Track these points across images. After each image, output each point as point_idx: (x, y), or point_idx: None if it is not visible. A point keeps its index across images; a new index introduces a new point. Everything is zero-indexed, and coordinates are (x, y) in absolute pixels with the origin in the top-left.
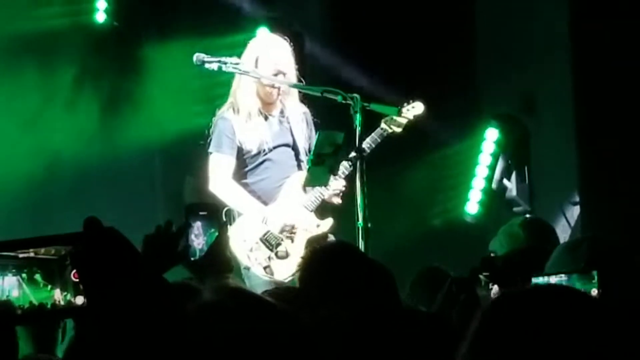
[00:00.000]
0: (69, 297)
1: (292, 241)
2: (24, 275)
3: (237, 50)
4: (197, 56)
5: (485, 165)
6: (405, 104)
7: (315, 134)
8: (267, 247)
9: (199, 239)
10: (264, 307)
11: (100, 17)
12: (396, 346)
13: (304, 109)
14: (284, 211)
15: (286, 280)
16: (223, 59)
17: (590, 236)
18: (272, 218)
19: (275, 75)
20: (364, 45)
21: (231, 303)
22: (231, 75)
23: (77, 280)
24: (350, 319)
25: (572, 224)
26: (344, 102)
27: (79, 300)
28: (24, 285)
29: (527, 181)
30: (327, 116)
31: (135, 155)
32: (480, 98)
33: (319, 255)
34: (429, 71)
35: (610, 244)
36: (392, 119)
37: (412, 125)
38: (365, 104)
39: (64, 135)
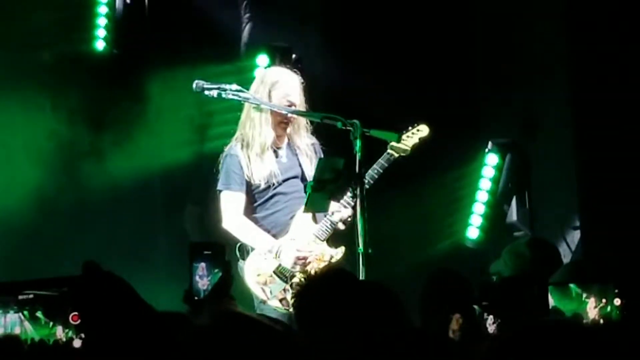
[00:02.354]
0: (70, 334)
1: (307, 272)
2: (25, 312)
3: (237, 77)
4: (197, 83)
5: (485, 190)
6: (410, 127)
7: None
8: (282, 280)
9: (203, 280)
10: (259, 329)
11: (100, 45)
12: None
13: (312, 140)
14: (296, 243)
15: None
16: (223, 85)
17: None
18: (285, 251)
19: (288, 106)
20: (364, 71)
21: (227, 325)
22: (231, 103)
23: (76, 323)
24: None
25: (573, 248)
26: (343, 128)
27: (77, 343)
28: (26, 323)
29: (527, 205)
30: (334, 142)
31: (135, 183)
32: (480, 123)
33: (313, 283)
34: (429, 96)
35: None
36: (397, 143)
37: (417, 149)
38: (365, 130)
39: (63, 165)
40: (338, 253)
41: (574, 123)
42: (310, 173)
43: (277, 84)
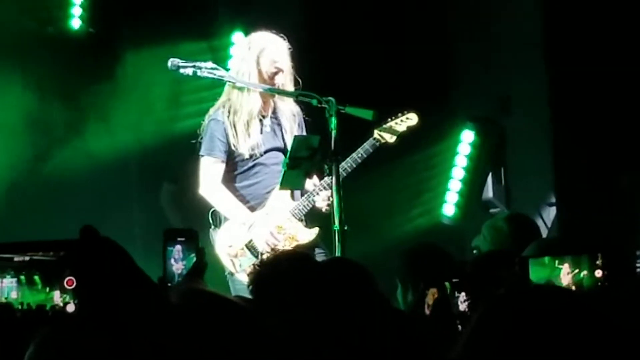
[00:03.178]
0: (67, 299)
1: (278, 249)
2: (22, 277)
3: (213, 55)
4: (172, 61)
5: (461, 167)
6: (399, 114)
7: (305, 133)
8: (253, 254)
9: (178, 263)
10: (228, 307)
11: (76, 23)
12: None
13: (296, 108)
14: (270, 218)
15: None
16: (198, 63)
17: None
18: (258, 225)
19: (275, 72)
20: (341, 50)
21: (195, 305)
22: (207, 81)
23: (71, 287)
24: (317, 319)
25: (549, 224)
26: (319, 105)
27: (70, 307)
28: (23, 287)
29: (503, 182)
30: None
31: (111, 161)
32: (455, 100)
33: (267, 268)
34: (404, 74)
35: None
36: (385, 128)
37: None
38: (341, 107)
39: (38, 142)
40: (311, 234)
41: (550, 99)
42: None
43: (265, 50)
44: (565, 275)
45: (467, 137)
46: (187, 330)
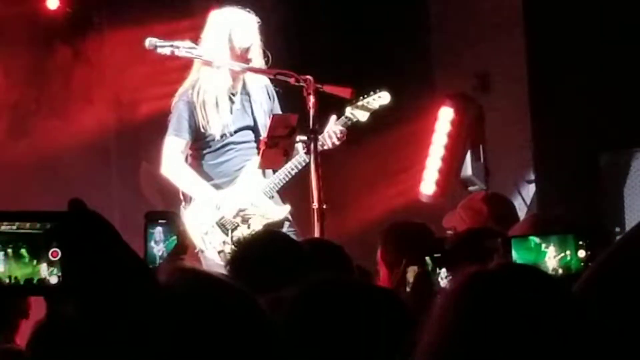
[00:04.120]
0: (55, 272)
1: (249, 227)
2: (9, 250)
3: (190, 34)
4: (150, 41)
5: (439, 145)
6: (372, 93)
7: (278, 104)
8: (223, 232)
9: (159, 245)
10: (220, 286)
11: (53, 3)
12: (346, 321)
13: (265, 81)
14: (239, 196)
15: None
16: (175, 43)
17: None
18: (227, 203)
19: (247, 48)
20: (318, 27)
21: (184, 281)
22: (186, 60)
23: (56, 259)
24: (297, 296)
25: (528, 202)
26: (297, 84)
27: (54, 279)
28: (10, 260)
29: (482, 160)
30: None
31: (89, 141)
32: (433, 77)
33: (244, 248)
34: (381, 51)
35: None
36: (357, 106)
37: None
38: (319, 86)
39: (15, 123)
40: (282, 211)
41: (528, 75)
42: (262, 122)
43: (236, 26)
44: (551, 259)
45: (445, 115)
46: (178, 307)
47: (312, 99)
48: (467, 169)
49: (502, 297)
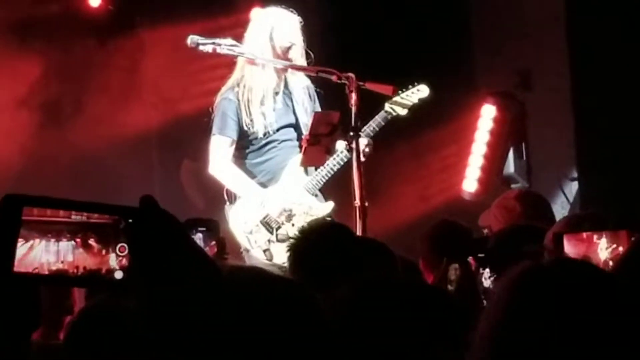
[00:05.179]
0: (124, 262)
1: (293, 224)
2: (78, 239)
3: (232, 31)
4: (192, 38)
5: (482, 142)
6: (410, 86)
7: (318, 105)
8: (268, 230)
9: None
10: (279, 281)
11: (95, 1)
12: (396, 319)
13: (307, 82)
14: (285, 194)
15: (285, 264)
16: (217, 40)
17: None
18: (271, 201)
19: (289, 47)
20: (360, 26)
21: (249, 280)
22: (226, 58)
23: (123, 253)
24: (349, 293)
25: (571, 200)
26: (339, 81)
27: (119, 275)
28: (79, 250)
29: (524, 157)
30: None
31: (132, 139)
32: (476, 75)
33: (309, 237)
34: (424, 49)
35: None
36: (396, 101)
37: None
38: (361, 84)
39: (58, 118)
40: (326, 208)
41: (571, 73)
42: (303, 120)
43: (278, 25)
44: (603, 250)
45: (487, 112)
46: (244, 301)
47: (354, 97)
48: (510, 167)
49: (555, 290)
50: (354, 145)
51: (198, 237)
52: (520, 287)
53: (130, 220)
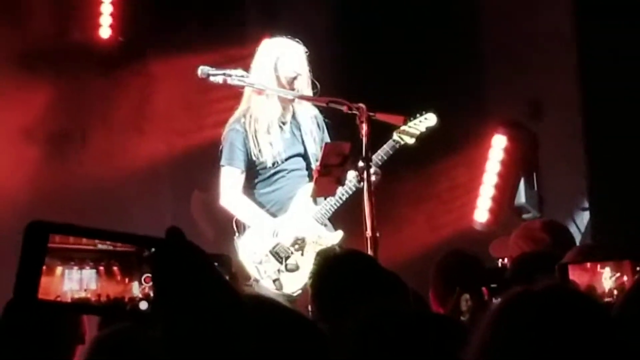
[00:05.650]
0: (147, 290)
1: (302, 254)
2: (101, 267)
3: (242, 62)
4: (202, 69)
5: (493, 173)
6: (418, 115)
7: (327, 134)
8: (277, 260)
9: None
10: (286, 312)
11: (105, 32)
12: (408, 349)
13: (315, 111)
14: (295, 224)
15: (295, 294)
16: (228, 71)
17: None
18: (283, 231)
19: (294, 77)
20: (370, 55)
21: (256, 306)
22: (235, 88)
23: (148, 284)
24: (361, 324)
25: (582, 230)
26: (349, 112)
27: (143, 305)
28: (102, 278)
29: (535, 187)
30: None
31: (142, 171)
32: (486, 105)
33: (332, 263)
34: (435, 78)
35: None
36: (404, 130)
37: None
38: (371, 114)
39: (67, 149)
40: (335, 237)
41: (582, 103)
42: (312, 149)
43: (282, 56)
44: (607, 280)
45: (498, 142)
46: (262, 337)
47: (364, 127)
48: (521, 197)
49: (542, 317)
50: (365, 175)
51: None
52: (506, 310)
53: (154, 250)
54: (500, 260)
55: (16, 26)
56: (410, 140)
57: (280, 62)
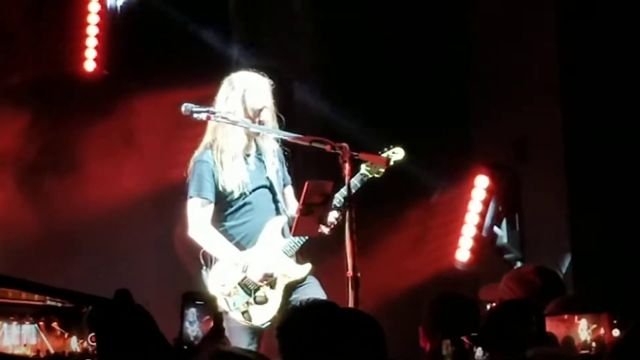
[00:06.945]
0: (85, 345)
1: (271, 287)
2: (41, 323)
3: None
4: (186, 106)
5: (475, 213)
6: (385, 149)
7: (287, 166)
8: (246, 292)
9: (193, 325)
10: None
11: (90, 66)
12: None
13: (275, 145)
14: (263, 258)
15: (264, 325)
16: (211, 109)
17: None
18: (251, 266)
19: (260, 109)
20: (355, 93)
21: None
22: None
23: (94, 343)
24: None
25: (564, 271)
26: (332, 151)
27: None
28: (42, 333)
29: (517, 228)
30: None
31: (126, 204)
32: (470, 145)
33: (298, 317)
34: (419, 117)
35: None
36: (372, 163)
37: (401, 172)
38: (355, 154)
39: (50, 184)
40: (303, 270)
41: (565, 145)
42: (275, 181)
43: (250, 88)
44: (584, 331)
45: (481, 182)
46: None
47: (347, 167)
48: (503, 237)
49: None
50: (347, 215)
51: (192, 312)
52: None
53: (91, 307)
54: (488, 304)
55: (1, 57)
56: (378, 174)
57: (247, 93)
